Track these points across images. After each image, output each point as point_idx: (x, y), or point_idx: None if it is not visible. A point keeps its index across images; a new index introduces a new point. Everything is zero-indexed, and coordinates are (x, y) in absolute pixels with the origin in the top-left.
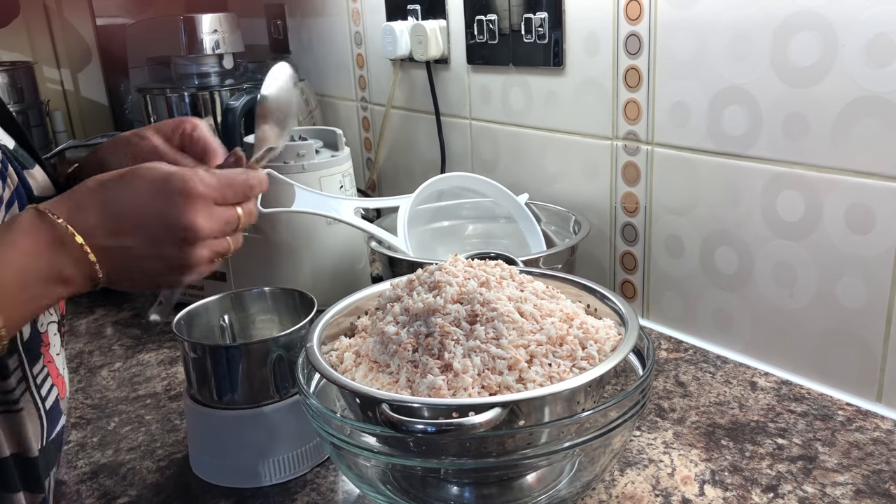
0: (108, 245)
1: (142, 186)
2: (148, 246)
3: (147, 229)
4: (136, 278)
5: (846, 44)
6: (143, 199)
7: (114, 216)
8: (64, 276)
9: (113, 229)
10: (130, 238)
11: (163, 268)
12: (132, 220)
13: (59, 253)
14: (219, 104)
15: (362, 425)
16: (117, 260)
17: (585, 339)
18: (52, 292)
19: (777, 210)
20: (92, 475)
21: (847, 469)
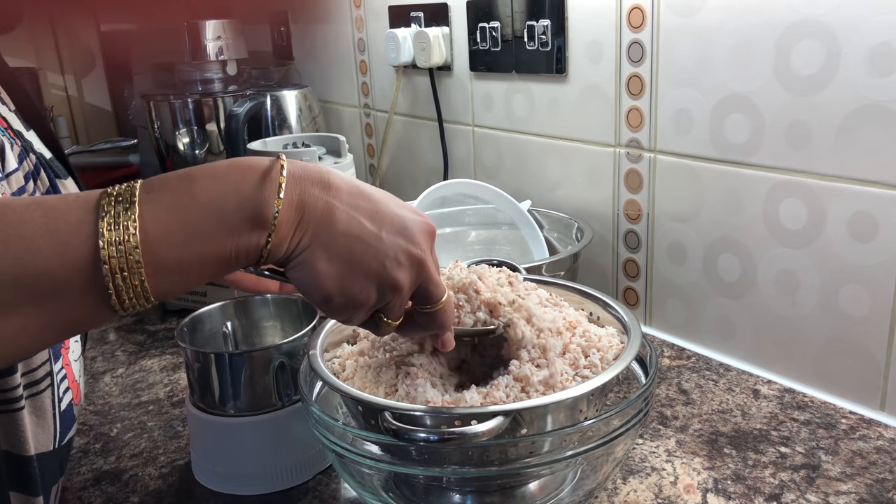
0: (330, 204)
1: (389, 194)
2: (372, 221)
3: (379, 211)
4: (335, 261)
5: (849, 53)
6: (390, 198)
7: (356, 188)
8: (262, 213)
9: (347, 191)
10: (358, 205)
11: (370, 260)
12: (367, 202)
13: (270, 186)
14: (222, 110)
15: (364, 433)
16: (331, 232)
17: (588, 347)
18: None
19: (780, 218)
20: (94, 481)
21: (850, 478)
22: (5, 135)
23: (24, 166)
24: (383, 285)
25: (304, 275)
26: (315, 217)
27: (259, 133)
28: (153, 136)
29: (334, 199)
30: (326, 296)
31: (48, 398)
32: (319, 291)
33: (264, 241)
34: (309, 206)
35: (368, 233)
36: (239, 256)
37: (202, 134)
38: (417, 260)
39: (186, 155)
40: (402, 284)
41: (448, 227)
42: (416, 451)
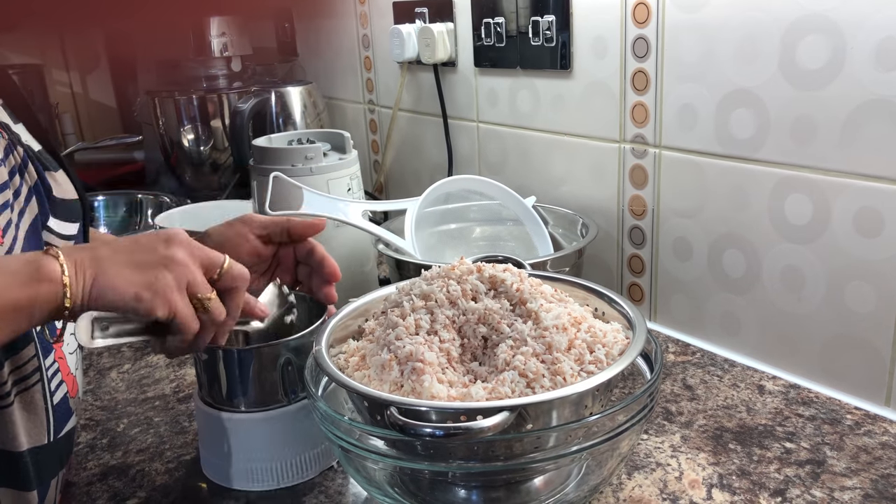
0: (92, 247)
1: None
2: (128, 240)
3: (131, 237)
4: (121, 272)
5: (854, 47)
6: (137, 234)
7: (105, 239)
8: (44, 270)
9: (100, 242)
10: (114, 243)
11: (145, 257)
12: (120, 238)
13: (41, 254)
14: (227, 107)
15: (370, 428)
16: (102, 258)
17: (593, 342)
18: (35, 288)
19: (785, 213)
20: (101, 476)
21: (855, 473)
22: None
23: (11, 160)
24: (168, 263)
25: (107, 293)
26: (88, 258)
27: (264, 129)
28: (158, 132)
29: (91, 246)
30: (135, 294)
31: (38, 392)
32: (126, 295)
33: (61, 293)
34: (79, 259)
35: (129, 243)
36: (36, 306)
37: (207, 130)
38: (175, 236)
39: (191, 151)
40: (180, 256)
41: (453, 224)
42: (422, 446)
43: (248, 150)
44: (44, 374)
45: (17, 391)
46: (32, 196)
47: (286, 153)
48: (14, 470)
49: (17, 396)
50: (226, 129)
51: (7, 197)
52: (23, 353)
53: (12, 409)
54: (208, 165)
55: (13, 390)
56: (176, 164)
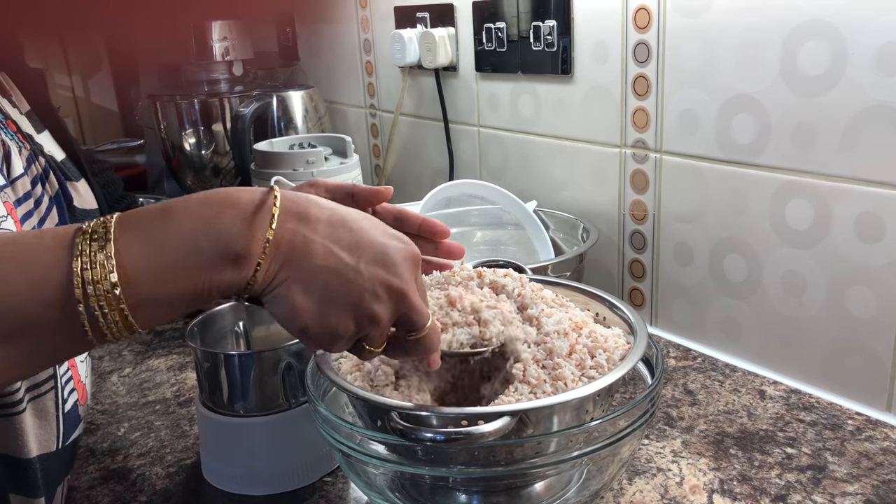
0: (309, 234)
1: (374, 221)
2: (350, 253)
3: (359, 243)
4: (312, 292)
5: (856, 53)
6: (373, 226)
7: (336, 219)
8: (235, 250)
9: (328, 223)
10: (338, 239)
11: (348, 292)
12: (352, 221)
13: (246, 220)
14: (228, 111)
15: (371, 433)
16: (308, 267)
17: (594, 347)
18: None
19: (786, 218)
20: (102, 480)
21: (857, 479)
22: (14, 138)
23: (32, 170)
24: (361, 318)
25: (281, 307)
26: (292, 251)
27: (265, 133)
28: (159, 136)
29: (312, 232)
30: (303, 328)
31: (51, 400)
32: (296, 324)
33: (241, 277)
34: (285, 240)
35: (346, 266)
36: (213, 291)
37: (208, 134)
38: (397, 291)
39: (193, 155)
40: (380, 317)
41: (454, 228)
42: (423, 450)
43: (250, 154)
44: (58, 382)
45: (29, 398)
46: (53, 206)
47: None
48: (23, 476)
49: (30, 403)
50: (227, 133)
51: (29, 207)
52: None
53: (24, 416)
54: (210, 169)
55: (26, 397)
56: (177, 168)
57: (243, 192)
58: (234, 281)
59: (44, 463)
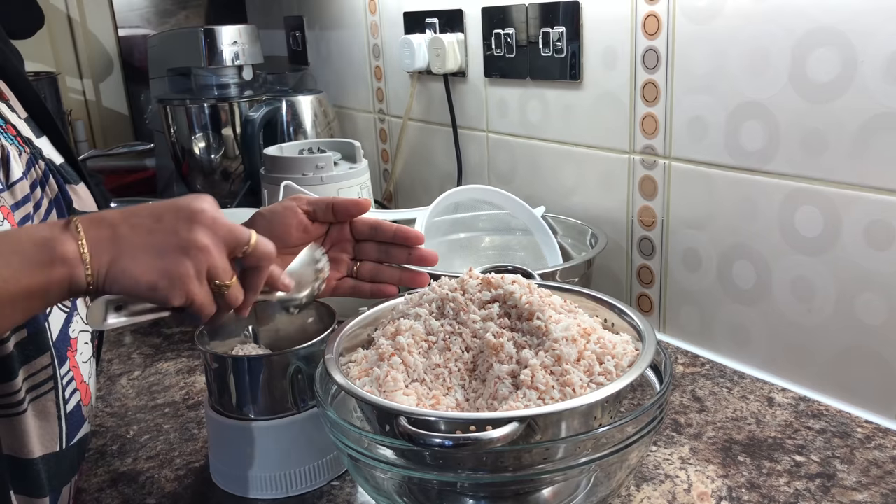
0: (113, 223)
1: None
2: (149, 217)
3: (153, 209)
4: (138, 257)
5: (865, 60)
6: (158, 204)
7: (126, 210)
8: (58, 252)
9: (121, 215)
10: (136, 217)
11: (165, 240)
12: (141, 209)
13: (58, 229)
14: (238, 115)
15: (379, 438)
16: (121, 238)
17: (602, 354)
18: (48, 272)
19: (795, 225)
20: (111, 483)
21: (866, 487)
22: (13, 142)
23: (32, 174)
24: (188, 249)
25: (123, 281)
26: (108, 238)
27: (274, 138)
28: (169, 140)
29: (112, 221)
30: (150, 284)
31: (51, 400)
32: (142, 284)
33: (77, 274)
34: (98, 238)
35: (151, 222)
36: (51, 290)
37: (218, 138)
38: (197, 213)
39: (202, 159)
40: (202, 241)
41: (462, 233)
42: (431, 456)
43: (259, 158)
44: (58, 383)
45: (30, 399)
46: (52, 209)
47: (297, 162)
48: (26, 476)
49: (31, 404)
50: (237, 138)
51: (28, 210)
52: (37, 361)
53: (25, 416)
54: (219, 173)
55: (27, 398)
56: (187, 172)
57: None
58: (70, 277)
59: (47, 463)
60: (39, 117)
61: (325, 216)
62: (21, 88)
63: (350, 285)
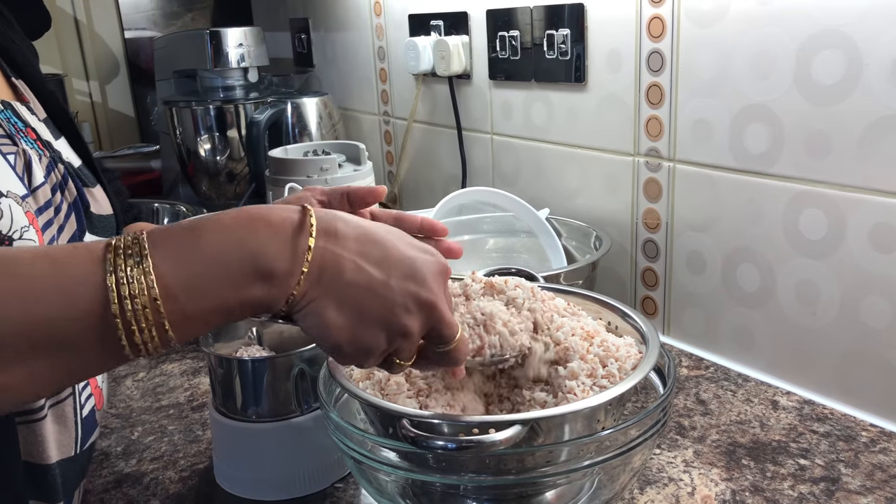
0: (340, 255)
1: (399, 234)
2: (380, 269)
3: (389, 260)
4: (344, 311)
5: (870, 63)
6: (402, 240)
7: (364, 235)
8: (268, 268)
9: (358, 245)
10: (367, 259)
11: (379, 310)
12: (379, 241)
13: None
14: (243, 117)
15: (383, 440)
16: (340, 282)
17: (606, 357)
18: (248, 289)
19: (800, 228)
20: (116, 484)
21: (870, 491)
22: (34, 146)
23: (52, 178)
24: (393, 332)
25: (314, 325)
26: (323, 269)
27: (279, 140)
28: (175, 142)
29: (342, 249)
30: (336, 345)
31: (70, 406)
32: (329, 341)
33: (274, 295)
34: (319, 258)
35: (377, 281)
36: (244, 308)
37: (223, 140)
38: (428, 304)
39: (207, 161)
40: (412, 331)
41: (466, 235)
42: (434, 458)
43: (264, 160)
44: (76, 388)
45: (50, 405)
46: (72, 212)
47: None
48: (44, 482)
49: (51, 410)
50: (242, 140)
51: (50, 215)
52: None
53: (45, 422)
54: (224, 175)
55: (47, 404)
56: (192, 174)
57: (274, 210)
58: (266, 298)
59: (63, 468)
60: (57, 118)
61: (341, 206)
62: (39, 88)
63: None
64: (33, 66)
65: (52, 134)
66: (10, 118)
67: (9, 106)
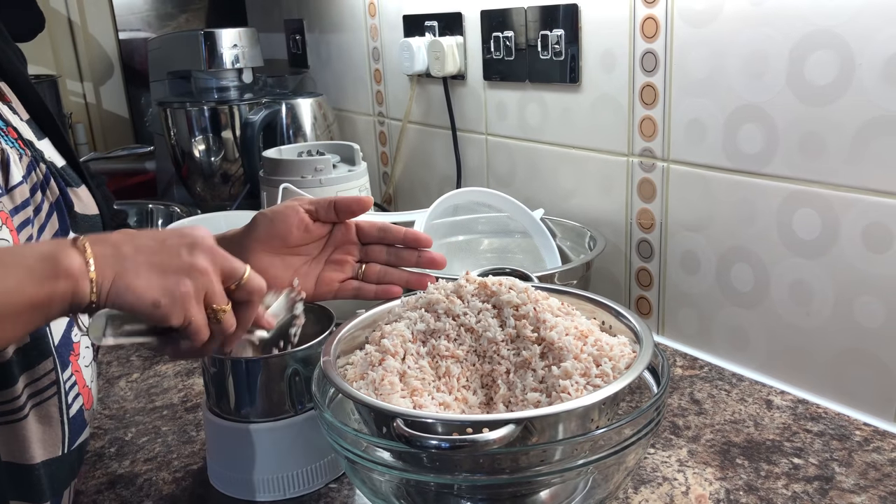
0: (118, 243)
1: (164, 230)
2: (153, 239)
3: (156, 234)
4: (142, 274)
5: (863, 63)
6: (160, 230)
7: (130, 232)
8: (63, 265)
9: (126, 236)
10: (140, 238)
11: (168, 260)
12: (145, 233)
13: (64, 245)
14: (238, 118)
15: (377, 440)
16: (125, 257)
17: (600, 356)
18: (52, 285)
19: (793, 228)
20: (109, 485)
21: (864, 490)
22: (14, 145)
23: (32, 177)
24: (190, 271)
25: (127, 296)
26: (111, 255)
27: (274, 141)
28: (169, 143)
29: (117, 241)
30: (154, 301)
31: (54, 406)
32: (145, 300)
33: (80, 287)
34: (102, 254)
35: (155, 244)
36: (53, 303)
37: (218, 141)
38: (200, 244)
39: (202, 162)
40: (202, 264)
41: (461, 236)
42: (428, 458)
43: (259, 161)
44: (61, 388)
45: (32, 404)
46: (53, 212)
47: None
48: (27, 482)
49: (33, 409)
50: (236, 141)
51: (28, 214)
52: (40, 366)
53: (27, 422)
54: (219, 176)
55: (28, 403)
56: (187, 175)
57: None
58: (73, 291)
59: (49, 468)
60: (41, 119)
61: (328, 215)
62: (23, 90)
63: (354, 287)
64: (17, 68)
65: (35, 134)
66: None
67: None
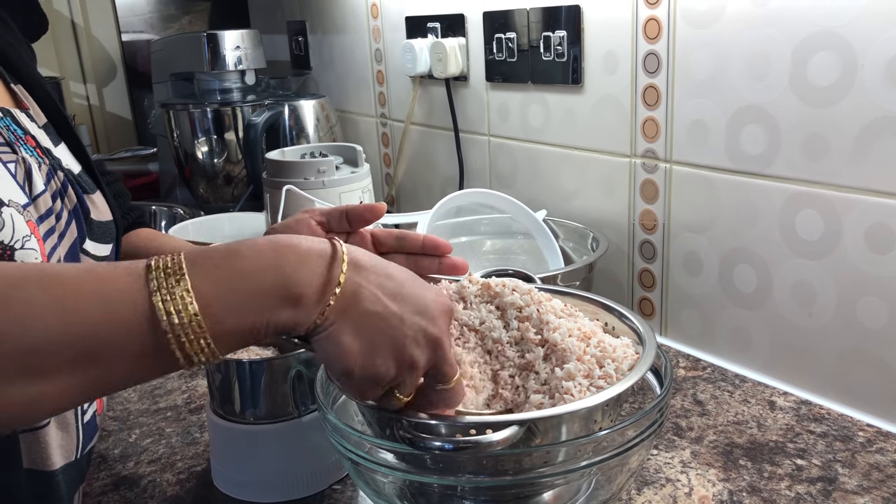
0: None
1: (410, 273)
2: (393, 299)
3: (403, 287)
4: (361, 335)
5: (865, 64)
6: (413, 279)
7: (382, 268)
8: (298, 293)
9: (377, 276)
10: (385, 288)
11: (393, 336)
12: (396, 276)
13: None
14: (241, 120)
15: (380, 441)
16: (361, 305)
17: (603, 357)
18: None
19: (796, 229)
20: (113, 487)
21: (867, 491)
22: (34, 154)
23: (52, 185)
24: (402, 362)
25: (329, 348)
26: (346, 298)
27: (277, 142)
28: (172, 144)
29: (363, 279)
30: (348, 369)
31: (71, 412)
32: (341, 365)
33: (299, 319)
34: (344, 288)
35: (391, 313)
36: (269, 329)
37: (221, 143)
38: (434, 340)
39: (205, 163)
40: (418, 363)
41: (463, 237)
42: (431, 459)
43: (262, 162)
44: None
45: None
46: (72, 220)
47: (299, 166)
48: (49, 489)
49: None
50: (239, 142)
51: (51, 223)
52: None
53: (49, 428)
54: (222, 178)
55: None
56: (190, 177)
57: (304, 239)
58: (291, 322)
59: (66, 473)
60: (57, 123)
61: (340, 225)
62: (39, 93)
63: None
64: (32, 70)
65: (51, 140)
66: (9, 126)
67: (8, 113)
